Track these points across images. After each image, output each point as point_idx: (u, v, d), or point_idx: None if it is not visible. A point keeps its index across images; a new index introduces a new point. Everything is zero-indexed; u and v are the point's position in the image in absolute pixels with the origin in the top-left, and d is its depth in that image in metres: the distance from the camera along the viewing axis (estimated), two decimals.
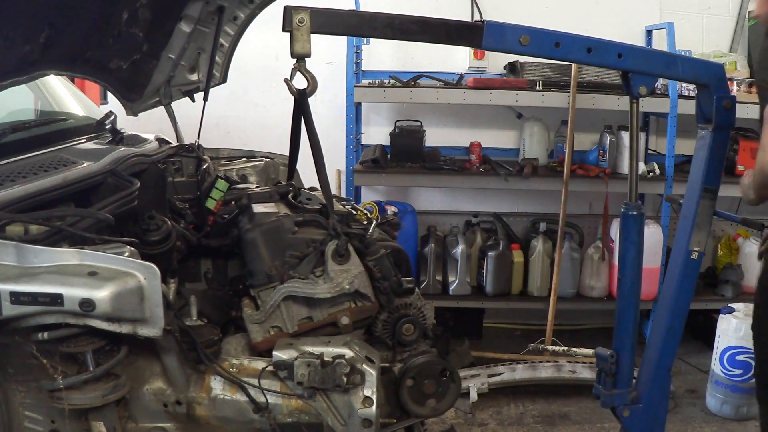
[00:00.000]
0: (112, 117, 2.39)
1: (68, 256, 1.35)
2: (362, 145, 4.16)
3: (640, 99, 1.92)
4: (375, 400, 1.56)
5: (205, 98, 2.59)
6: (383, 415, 1.67)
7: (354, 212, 1.93)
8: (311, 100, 1.72)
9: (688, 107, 3.63)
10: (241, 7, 2.42)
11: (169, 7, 2.24)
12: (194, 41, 2.42)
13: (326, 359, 1.55)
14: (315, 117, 1.72)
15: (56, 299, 1.28)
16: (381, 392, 1.62)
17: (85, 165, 1.86)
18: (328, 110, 4.04)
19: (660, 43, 3.91)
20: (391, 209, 3.84)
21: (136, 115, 2.51)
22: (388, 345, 1.75)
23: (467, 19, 3.97)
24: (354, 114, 3.90)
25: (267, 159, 2.63)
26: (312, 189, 2.18)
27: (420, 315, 1.75)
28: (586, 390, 3.48)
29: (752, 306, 3.44)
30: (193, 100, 2.63)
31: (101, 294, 1.29)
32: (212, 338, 1.59)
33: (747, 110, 3.67)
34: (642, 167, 3.76)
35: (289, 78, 1.68)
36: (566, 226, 3.85)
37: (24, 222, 1.44)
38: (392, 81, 3.83)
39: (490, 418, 3.32)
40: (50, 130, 2.13)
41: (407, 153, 3.87)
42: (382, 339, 1.74)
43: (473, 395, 3.35)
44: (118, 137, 2.30)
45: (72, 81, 2.68)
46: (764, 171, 1.80)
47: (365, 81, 4.02)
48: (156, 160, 2.21)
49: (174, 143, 2.59)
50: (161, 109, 2.65)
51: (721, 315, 3.41)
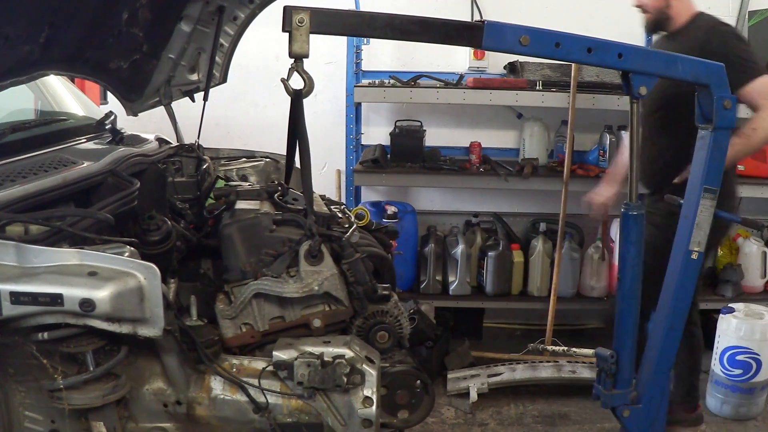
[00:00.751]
0: (112, 117, 2.39)
1: (68, 256, 1.35)
2: (362, 145, 4.16)
3: (640, 99, 1.93)
4: (375, 400, 1.56)
5: (205, 98, 2.59)
6: None
7: (340, 216, 1.91)
8: (311, 100, 1.72)
9: None
10: (241, 7, 2.42)
11: (169, 7, 2.24)
12: (194, 41, 2.42)
13: (326, 359, 1.54)
14: (315, 117, 1.73)
15: (56, 299, 1.28)
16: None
17: (85, 165, 1.86)
18: (328, 110, 4.05)
19: None
20: (391, 209, 3.84)
21: (136, 115, 2.51)
22: None
23: (467, 19, 3.97)
24: (354, 114, 3.91)
25: (267, 159, 2.63)
26: None
27: (396, 323, 1.73)
28: (586, 390, 3.47)
29: (752, 306, 3.45)
30: (193, 100, 2.63)
31: (101, 294, 1.29)
32: (212, 338, 1.59)
33: (747, 110, 3.68)
34: None
35: (287, 78, 1.68)
36: (566, 226, 3.85)
37: (24, 222, 1.44)
38: (392, 81, 3.82)
39: (490, 418, 3.31)
40: (50, 130, 2.13)
41: (407, 153, 3.87)
42: None
43: (473, 395, 3.35)
44: (118, 137, 2.30)
45: (72, 81, 2.67)
46: None
47: (365, 81, 4.02)
48: (156, 160, 2.21)
49: (174, 143, 2.59)
50: (161, 109, 2.66)
51: (721, 315, 3.40)
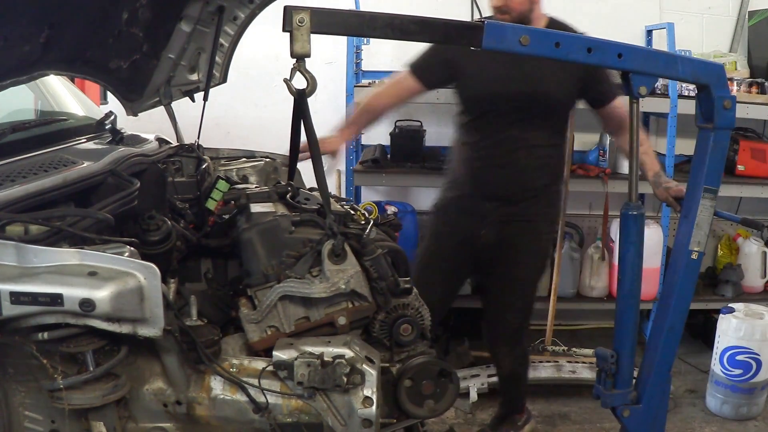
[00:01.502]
0: (112, 117, 2.38)
1: (68, 256, 1.34)
2: (362, 145, 4.16)
3: (640, 99, 1.93)
4: (375, 400, 1.56)
5: (205, 98, 2.59)
6: (382, 416, 1.67)
7: (353, 212, 1.92)
8: (311, 100, 1.72)
9: (688, 107, 3.64)
10: (241, 7, 2.42)
11: (169, 7, 2.24)
12: (194, 41, 2.42)
13: (326, 359, 1.54)
14: (315, 117, 1.72)
15: (56, 299, 1.28)
16: (380, 392, 1.62)
17: (85, 165, 1.85)
18: (328, 110, 4.04)
19: (660, 43, 3.91)
20: (391, 209, 3.84)
21: (136, 115, 2.50)
22: (386, 345, 1.73)
23: (467, 19, 3.97)
24: None
25: (267, 159, 2.63)
26: (312, 189, 2.18)
27: (418, 315, 1.73)
28: (586, 390, 3.48)
29: (752, 306, 3.45)
30: (193, 100, 2.63)
31: (101, 294, 1.28)
32: (212, 338, 1.59)
33: (747, 110, 3.68)
34: None
35: (289, 78, 1.68)
36: (566, 226, 3.85)
37: (24, 222, 1.43)
38: None
39: (490, 418, 3.31)
40: (50, 130, 2.13)
41: (407, 153, 3.87)
42: (380, 339, 1.73)
43: (473, 395, 3.35)
44: (118, 137, 2.30)
45: (72, 81, 2.67)
46: None
47: (365, 81, 4.02)
48: (156, 160, 2.21)
49: (174, 143, 2.59)
50: (161, 109, 2.65)
51: (721, 315, 3.41)
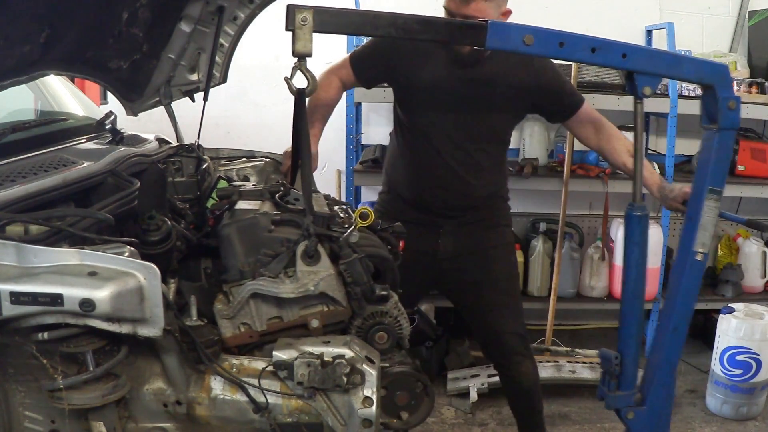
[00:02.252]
0: (112, 117, 2.38)
1: (68, 256, 1.34)
2: (362, 145, 4.16)
3: (643, 99, 1.92)
4: (375, 400, 1.55)
5: (205, 98, 2.59)
6: None
7: (341, 215, 1.91)
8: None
9: (688, 107, 3.64)
10: (241, 7, 2.42)
11: (169, 7, 2.23)
12: (194, 41, 2.42)
13: (326, 359, 1.54)
14: None
15: (56, 299, 1.27)
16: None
17: (85, 165, 1.85)
18: None
19: (660, 43, 3.91)
20: None
21: (136, 115, 2.50)
22: None
23: None
24: (354, 114, 3.90)
25: (267, 159, 2.63)
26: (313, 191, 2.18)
27: (395, 324, 1.71)
28: (586, 390, 3.49)
29: (752, 306, 3.44)
30: (193, 100, 2.63)
31: (101, 294, 1.28)
32: (212, 338, 1.59)
33: (747, 110, 3.67)
34: None
35: (290, 77, 1.67)
36: (566, 226, 3.85)
37: (24, 222, 1.43)
38: None
39: (490, 418, 3.31)
40: (50, 130, 2.12)
41: None
42: None
43: (473, 395, 3.35)
44: (118, 137, 2.30)
45: (72, 81, 2.67)
46: None
47: None
48: (156, 160, 2.21)
49: (174, 143, 2.58)
50: (161, 109, 2.65)
51: (721, 315, 3.41)
